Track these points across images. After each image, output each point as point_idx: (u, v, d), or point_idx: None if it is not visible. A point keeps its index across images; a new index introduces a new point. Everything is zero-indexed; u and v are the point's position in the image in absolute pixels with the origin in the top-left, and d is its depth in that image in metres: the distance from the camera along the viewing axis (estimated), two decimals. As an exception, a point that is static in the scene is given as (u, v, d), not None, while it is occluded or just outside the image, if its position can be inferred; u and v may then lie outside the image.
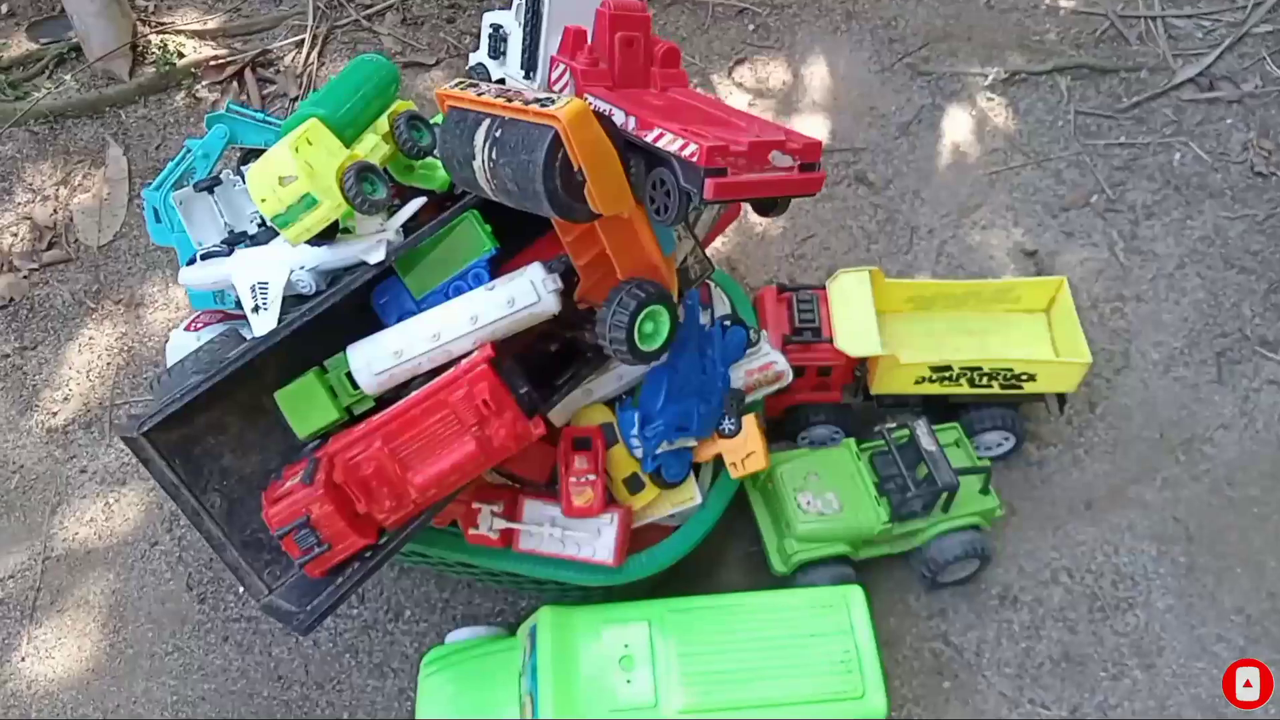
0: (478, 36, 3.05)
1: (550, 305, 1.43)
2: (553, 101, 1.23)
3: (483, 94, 1.32)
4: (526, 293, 1.41)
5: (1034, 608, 1.92)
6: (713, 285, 1.94)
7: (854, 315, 1.93)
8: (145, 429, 1.28)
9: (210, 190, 1.60)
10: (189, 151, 1.70)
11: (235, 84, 2.94)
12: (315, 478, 1.33)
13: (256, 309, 1.44)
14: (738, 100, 2.78)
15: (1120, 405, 2.18)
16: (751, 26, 2.98)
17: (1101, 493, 2.06)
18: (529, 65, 1.50)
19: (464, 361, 1.40)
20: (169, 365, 1.66)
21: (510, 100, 1.27)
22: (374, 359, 1.41)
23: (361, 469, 1.37)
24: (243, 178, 1.62)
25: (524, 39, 1.48)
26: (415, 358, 1.41)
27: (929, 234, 2.51)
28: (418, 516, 1.43)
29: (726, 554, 1.97)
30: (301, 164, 1.32)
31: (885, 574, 1.96)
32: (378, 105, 1.49)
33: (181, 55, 2.96)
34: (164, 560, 2.09)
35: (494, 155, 1.29)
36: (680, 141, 1.20)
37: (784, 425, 2.04)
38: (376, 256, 1.40)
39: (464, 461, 1.39)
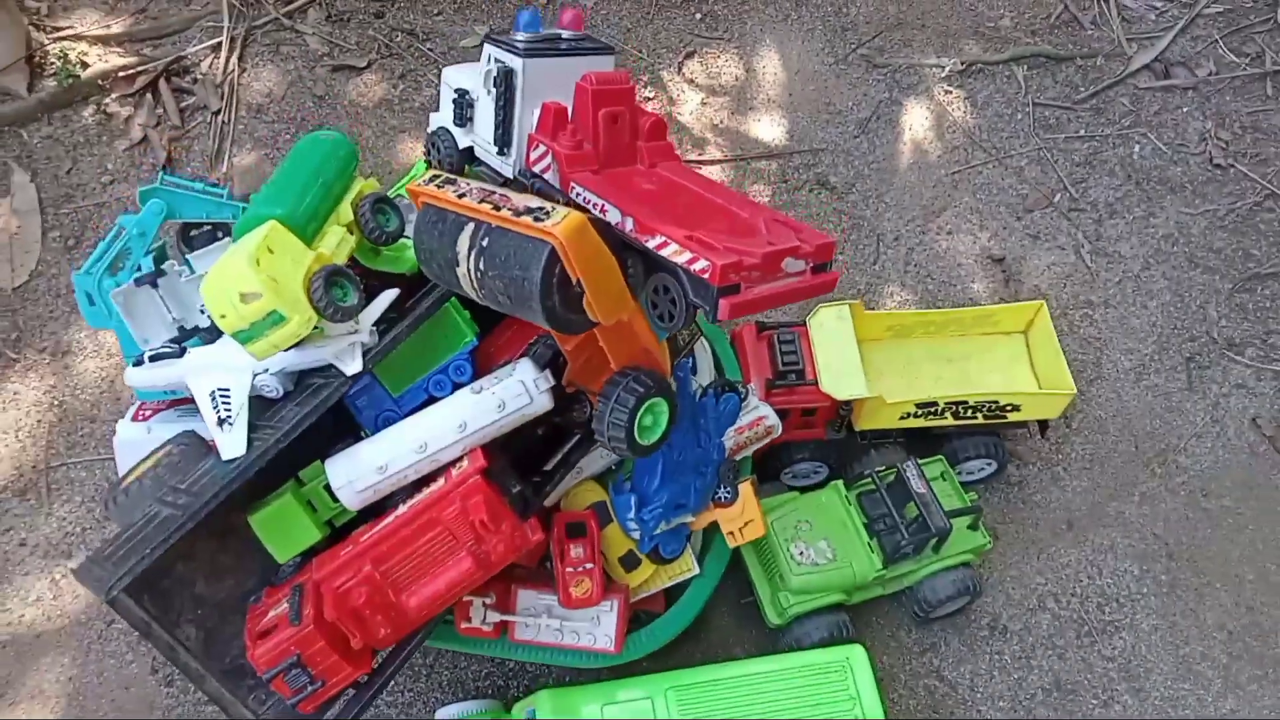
0: (409, 34, 2.89)
1: (543, 405, 1.34)
2: (546, 214, 1.12)
3: (463, 195, 1.20)
4: (518, 395, 1.32)
5: (1023, 636, 1.93)
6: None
7: (837, 355, 1.88)
8: (116, 592, 1.16)
9: (154, 284, 1.45)
10: (122, 229, 1.55)
11: (149, 96, 2.72)
12: (303, 614, 1.24)
13: (221, 423, 1.32)
14: (690, 100, 2.67)
15: (1095, 418, 2.18)
16: (699, 15, 2.85)
17: (1082, 511, 2.07)
18: (503, 142, 1.38)
19: (455, 473, 1.31)
20: (120, 470, 1.53)
21: (498, 208, 1.16)
22: (356, 476, 1.31)
23: (352, 598, 1.28)
24: (189, 266, 1.47)
25: (496, 114, 1.36)
26: (401, 470, 1.32)
27: (895, 241, 2.46)
28: (414, 636, 1.35)
29: (720, 604, 1.93)
30: (265, 280, 1.19)
31: (875, 610, 1.95)
32: (338, 191, 1.36)
33: (85, 65, 2.71)
34: (123, 640, 1.97)
35: (481, 266, 1.18)
36: (688, 255, 1.11)
37: (766, 463, 2.00)
38: (353, 367, 1.29)
39: (460, 579, 1.32)
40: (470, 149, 1.46)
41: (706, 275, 1.09)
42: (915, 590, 1.87)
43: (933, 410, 1.90)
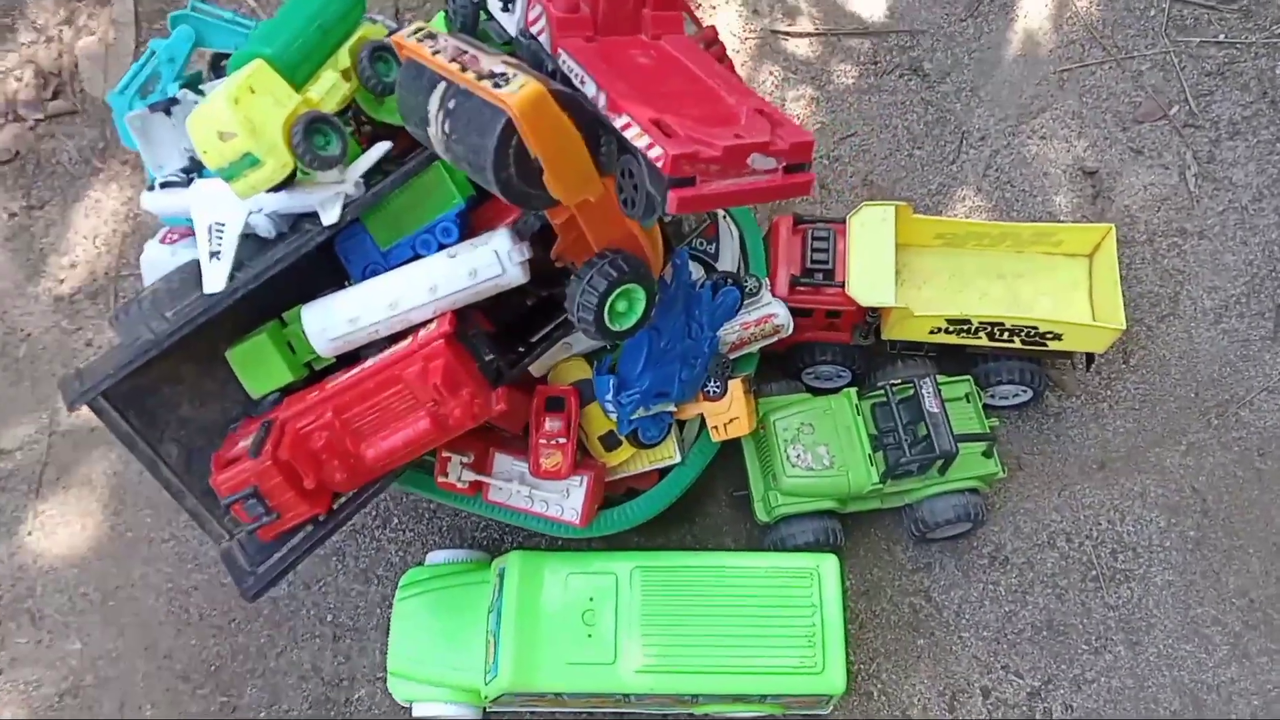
0: None
1: (516, 277, 1.33)
2: (506, 80, 1.08)
3: (438, 52, 1.16)
4: (490, 264, 1.31)
5: (1024, 571, 1.87)
6: (723, 214, 1.80)
7: (871, 258, 1.78)
8: (80, 402, 1.24)
9: (168, 111, 1.48)
10: (153, 54, 1.57)
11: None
12: (263, 449, 1.29)
13: (211, 256, 1.36)
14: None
15: (1158, 357, 2.03)
16: None
17: (1119, 453, 1.95)
18: (506, -4, 1.32)
19: (421, 333, 1.32)
20: (144, 282, 1.61)
21: (464, 69, 1.12)
22: (329, 325, 1.34)
23: (312, 440, 1.33)
24: (204, 96, 1.49)
25: (500, -34, 1.29)
26: (371, 325, 1.34)
27: (980, 141, 2.28)
28: (373, 483, 1.40)
29: (716, 491, 1.93)
30: (242, 119, 1.20)
31: (875, 521, 1.91)
32: (337, 36, 1.34)
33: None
34: (165, 444, 2.13)
35: (447, 127, 1.15)
36: (647, 140, 1.05)
37: (787, 361, 1.94)
38: (330, 217, 1.30)
39: (417, 438, 1.35)
40: (483, 2, 1.41)
41: (660, 164, 1.03)
42: (914, 509, 1.82)
43: (965, 328, 1.80)
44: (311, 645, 1.89)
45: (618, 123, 1.10)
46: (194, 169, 1.49)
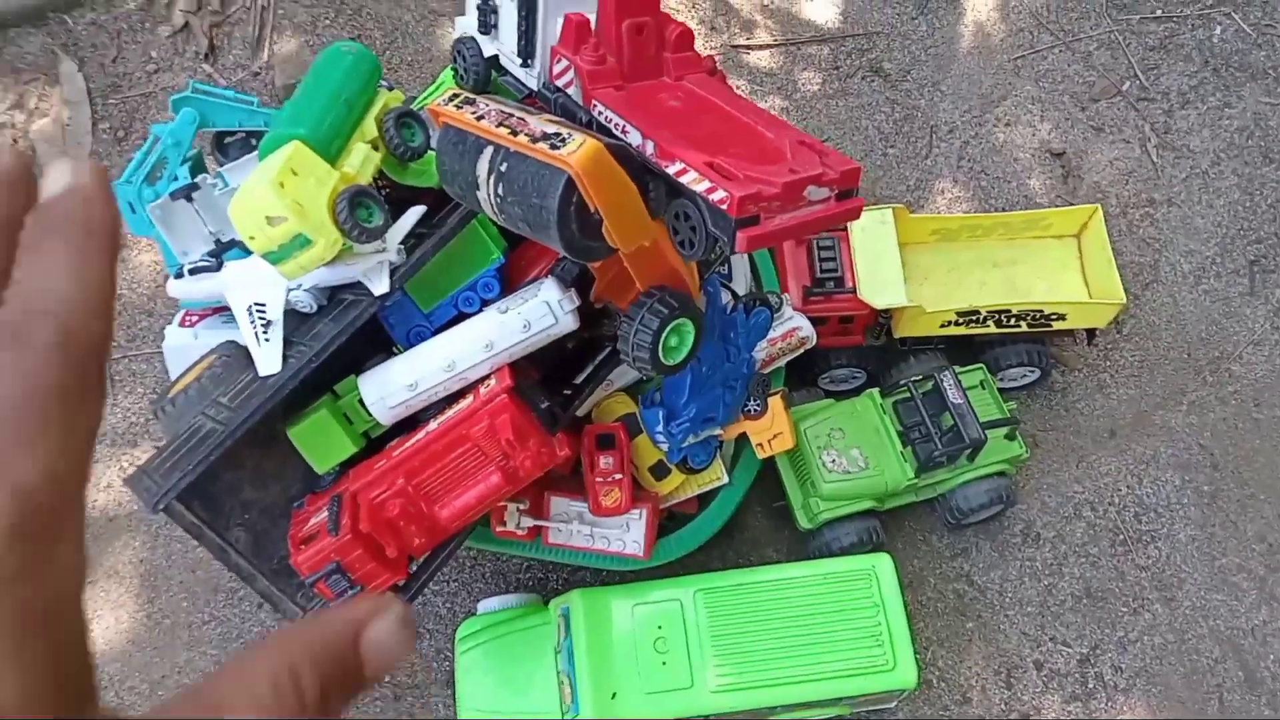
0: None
1: (568, 325, 1.35)
2: (563, 141, 1.10)
3: (482, 117, 1.18)
4: (543, 316, 1.33)
5: (1056, 544, 1.94)
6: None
7: (877, 262, 1.84)
8: (164, 503, 1.23)
9: (188, 198, 1.47)
10: (157, 140, 1.56)
11: (188, -19, 2.68)
12: (341, 524, 1.30)
13: (257, 338, 1.36)
14: (741, -18, 2.55)
15: (1148, 324, 2.12)
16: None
17: (1126, 420, 2.04)
18: (526, 53, 1.34)
19: (483, 391, 1.34)
20: (171, 374, 1.59)
21: (515, 133, 1.14)
22: (387, 393, 1.35)
23: (386, 509, 1.34)
24: (223, 178, 1.49)
25: (519, 24, 1.32)
26: (431, 389, 1.35)
27: (949, 133, 2.36)
28: (448, 544, 1.41)
29: (753, 506, 1.97)
30: (289, 203, 1.20)
31: (908, 514, 1.97)
32: (360, 108, 1.35)
33: (126, -50, 2.68)
34: (187, 526, 2.09)
35: (501, 191, 1.17)
36: (707, 184, 1.09)
37: (803, 369, 1.99)
38: (381, 287, 1.31)
39: (490, 492, 1.36)
40: (495, 58, 1.43)
41: (725, 206, 1.07)
42: (948, 498, 1.88)
43: (975, 319, 1.86)
44: (374, 708, 1.88)
45: (670, 169, 1.14)
46: (221, 250, 1.48)
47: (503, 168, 1.17)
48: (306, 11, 2.63)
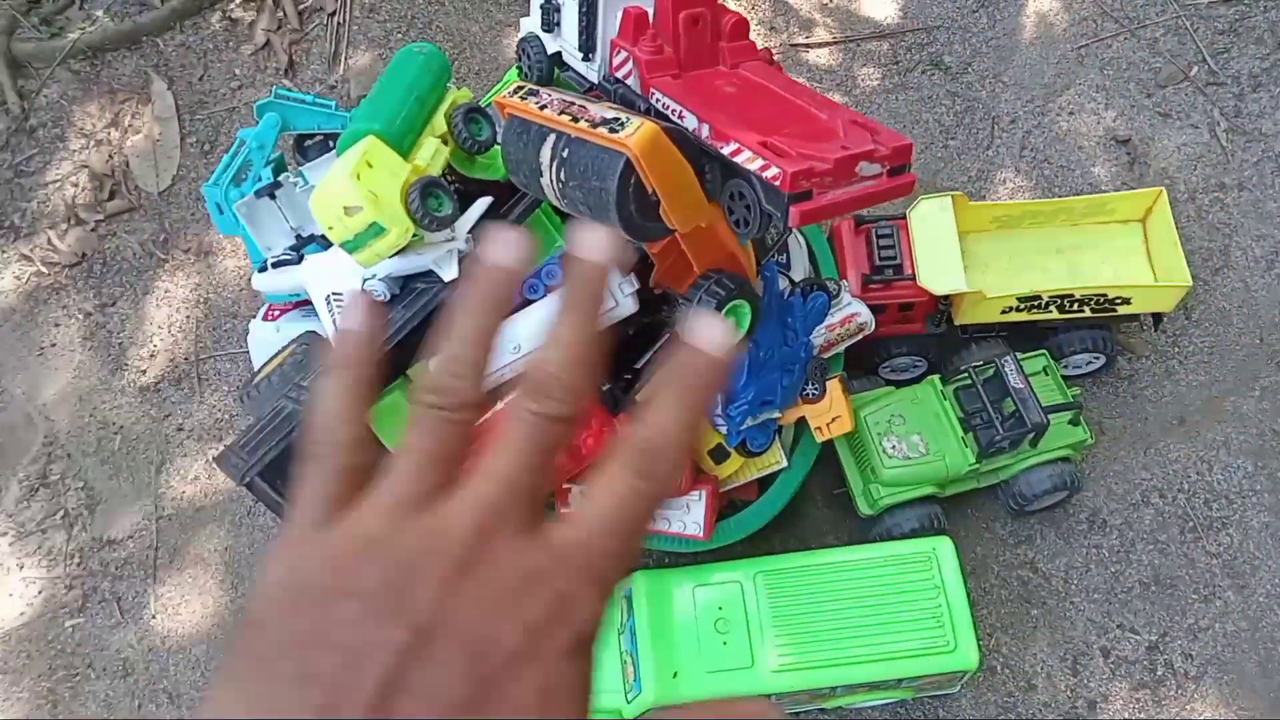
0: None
1: (628, 308, 1.40)
2: (622, 125, 1.15)
3: (545, 107, 1.24)
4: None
5: (1123, 531, 1.92)
6: (787, 224, 1.87)
7: (937, 248, 1.85)
8: (249, 478, 1.31)
9: (271, 195, 1.56)
10: (243, 144, 1.65)
11: (270, 1, 2.81)
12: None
13: (336, 327, 1.43)
14: (798, -20, 2.58)
15: (1218, 309, 2.09)
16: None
17: (1196, 406, 2.01)
18: (587, 47, 1.40)
19: (546, 372, 1.39)
20: (254, 364, 1.68)
21: (576, 120, 1.19)
22: (457, 374, 1.41)
23: (457, 486, 1.39)
24: (303, 177, 1.57)
25: (580, 19, 1.37)
26: (499, 371, 1.40)
27: (1011, 124, 2.36)
28: (514, 521, 1.47)
29: (814, 493, 1.99)
30: (365, 193, 1.28)
31: (970, 501, 1.97)
32: (431, 104, 1.42)
33: (210, -29, 2.82)
34: (268, 515, 2.19)
35: (563, 176, 1.23)
36: (760, 162, 1.13)
37: (864, 358, 2.01)
38: (450, 273, 1.37)
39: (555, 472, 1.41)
40: (558, 54, 1.49)
41: (778, 182, 1.11)
42: (1011, 484, 1.87)
43: (1036, 304, 1.86)
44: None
45: (725, 150, 1.18)
46: (302, 245, 1.57)
47: (564, 153, 1.22)
48: (380, 26, 2.74)
